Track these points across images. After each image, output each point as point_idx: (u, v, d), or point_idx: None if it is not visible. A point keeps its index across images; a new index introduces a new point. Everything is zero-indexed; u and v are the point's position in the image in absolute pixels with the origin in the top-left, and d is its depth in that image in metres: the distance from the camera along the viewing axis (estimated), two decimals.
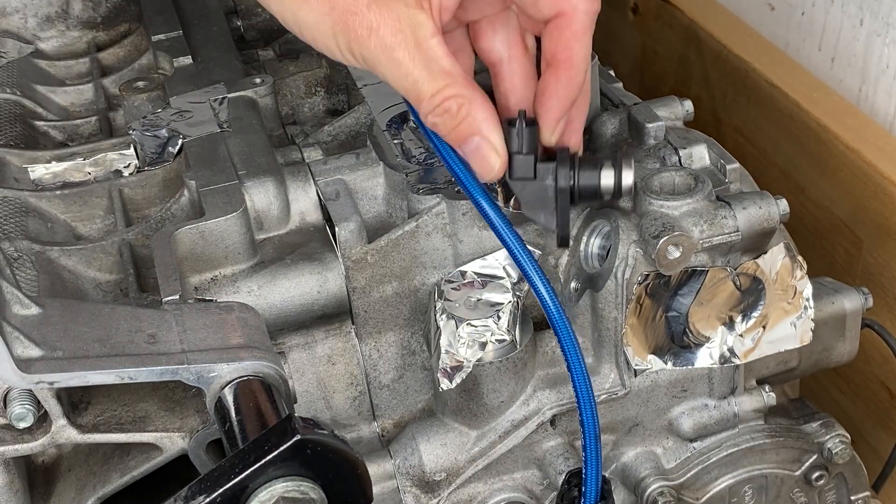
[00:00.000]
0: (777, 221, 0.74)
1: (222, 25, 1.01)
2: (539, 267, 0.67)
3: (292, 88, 0.97)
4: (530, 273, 0.67)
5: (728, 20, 1.25)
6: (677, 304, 0.74)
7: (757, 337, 0.76)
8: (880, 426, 1.06)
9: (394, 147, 0.81)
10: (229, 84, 0.89)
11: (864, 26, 1.09)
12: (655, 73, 1.38)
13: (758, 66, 1.16)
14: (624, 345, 0.75)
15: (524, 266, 0.67)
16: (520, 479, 0.80)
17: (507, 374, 0.75)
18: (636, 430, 0.81)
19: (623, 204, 0.74)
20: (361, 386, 0.79)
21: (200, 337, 0.63)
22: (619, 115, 0.82)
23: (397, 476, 0.78)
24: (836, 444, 0.84)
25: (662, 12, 1.33)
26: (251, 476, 0.53)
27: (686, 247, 0.71)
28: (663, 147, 0.79)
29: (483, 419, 0.77)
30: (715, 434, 0.82)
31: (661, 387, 0.79)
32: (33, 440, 0.65)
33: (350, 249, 0.76)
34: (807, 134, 1.08)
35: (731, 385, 0.81)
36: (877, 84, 1.09)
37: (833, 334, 0.87)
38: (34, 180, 0.85)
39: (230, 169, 0.79)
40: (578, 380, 0.68)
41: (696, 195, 0.72)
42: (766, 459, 0.83)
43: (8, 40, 1.02)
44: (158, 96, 0.89)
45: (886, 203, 0.99)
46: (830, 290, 0.87)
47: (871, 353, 1.01)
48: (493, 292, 0.75)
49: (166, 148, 0.84)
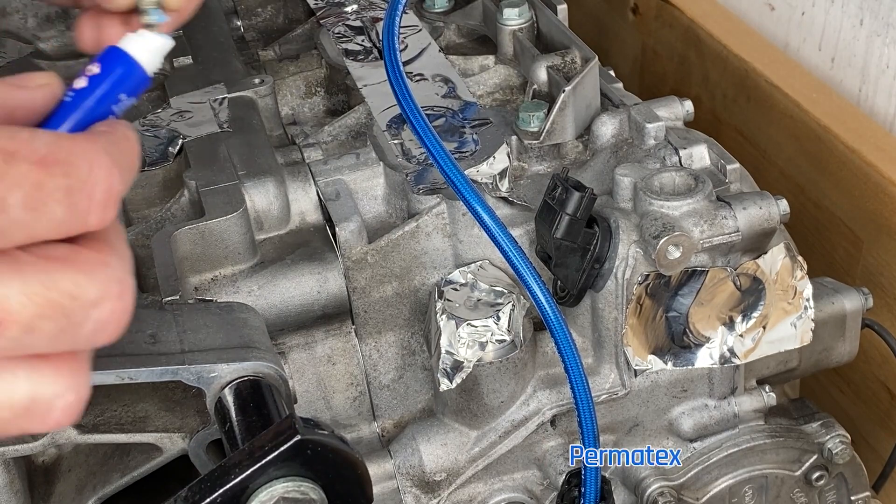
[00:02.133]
0: (777, 221, 0.74)
1: (222, 25, 1.01)
2: (534, 269, 0.67)
3: (292, 88, 0.97)
4: (525, 276, 0.67)
5: (728, 20, 1.25)
6: (677, 304, 0.74)
7: (757, 337, 0.76)
8: (880, 426, 1.06)
9: (394, 147, 0.81)
10: (229, 84, 0.89)
11: (865, 26, 1.09)
12: (655, 73, 1.38)
13: (758, 66, 1.16)
14: (624, 345, 0.75)
15: (519, 268, 0.67)
16: (520, 479, 0.80)
17: (508, 375, 0.75)
18: (636, 430, 0.81)
19: (623, 204, 0.74)
20: (361, 386, 0.79)
21: (200, 337, 0.63)
22: (619, 115, 0.82)
23: (397, 476, 0.77)
24: (836, 444, 0.84)
25: (662, 12, 1.33)
26: (251, 476, 0.53)
27: (686, 247, 0.71)
28: (663, 147, 0.79)
29: (483, 419, 0.77)
30: (715, 434, 0.82)
31: (661, 387, 0.79)
32: (33, 440, 0.65)
33: (350, 249, 0.76)
34: (807, 134, 1.08)
35: (731, 385, 0.81)
36: (877, 84, 1.09)
37: (833, 334, 0.86)
38: None
39: (230, 169, 0.79)
40: (577, 382, 0.68)
41: (696, 195, 0.72)
42: (767, 460, 0.83)
43: (8, 40, 1.02)
44: (158, 96, 0.89)
45: (886, 203, 0.99)
46: (830, 291, 0.87)
47: (872, 354, 1.01)
48: (493, 292, 0.75)
49: (166, 148, 0.84)
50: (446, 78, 0.88)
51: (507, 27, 0.91)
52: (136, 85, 0.49)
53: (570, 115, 0.81)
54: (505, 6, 0.91)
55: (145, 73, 0.49)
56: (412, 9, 0.99)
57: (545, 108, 0.81)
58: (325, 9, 1.00)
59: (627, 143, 0.81)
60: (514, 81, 0.91)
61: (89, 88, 0.48)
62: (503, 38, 0.91)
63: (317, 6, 1.01)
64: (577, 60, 0.85)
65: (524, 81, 0.89)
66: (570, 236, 0.71)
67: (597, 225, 0.73)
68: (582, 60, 0.84)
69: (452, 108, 0.84)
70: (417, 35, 0.94)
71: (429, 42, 0.93)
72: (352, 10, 0.99)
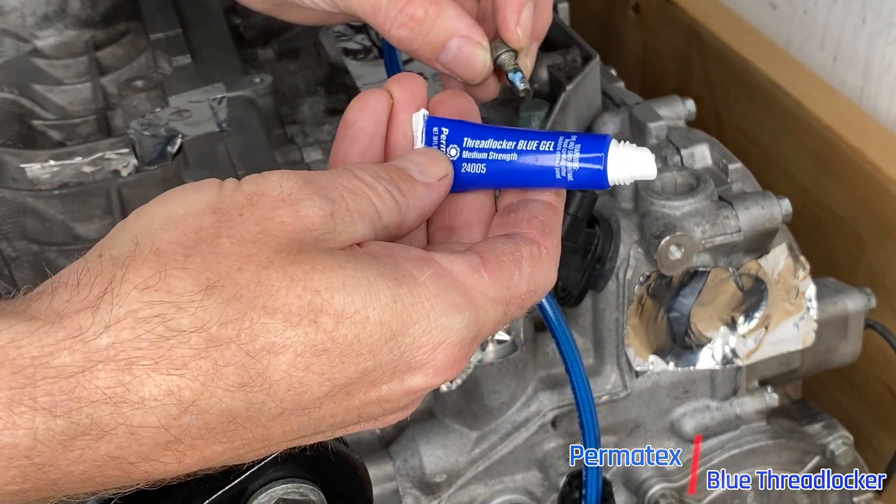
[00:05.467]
0: (779, 221, 0.73)
1: (221, 24, 1.00)
2: None
3: (292, 88, 0.97)
4: None
5: (730, 19, 1.25)
6: (679, 304, 0.74)
7: (759, 338, 0.75)
8: (883, 427, 1.06)
9: None
10: (228, 83, 0.89)
11: (867, 25, 1.08)
12: (657, 72, 1.37)
13: (760, 65, 1.15)
14: (625, 346, 0.75)
15: None
16: (521, 480, 0.79)
17: (508, 376, 0.74)
18: (638, 431, 0.80)
19: (624, 204, 0.74)
20: None
21: None
22: (620, 114, 0.82)
23: (398, 477, 0.77)
24: (838, 445, 0.84)
25: (664, 11, 1.32)
26: (250, 478, 0.52)
27: (688, 247, 0.70)
28: (665, 147, 0.79)
29: (484, 420, 0.76)
30: (717, 435, 0.81)
31: (662, 388, 0.79)
32: None
33: None
34: (809, 133, 1.08)
35: (733, 386, 0.80)
36: (879, 83, 1.09)
37: (836, 335, 0.86)
38: (32, 180, 0.85)
39: (229, 169, 0.79)
40: (578, 383, 0.67)
41: (698, 195, 0.72)
42: (769, 461, 0.82)
43: (6, 39, 1.02)
44: (157, 95, 0.89)
45: (889, 203, 0.98)
46: (833, 291, 0.86)
47: (874, 354, 1.01)
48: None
49: (165, 147, 0.84)
50: None
51: None
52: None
53: (571, 114, 0.81)
54: None
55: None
56: None
57: (546, 108, 0.81)
58: None
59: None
60: None
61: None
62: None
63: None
64: (577, 59, 0.84)
65: None
66: (571, 236, 0.70)
67: (598, 225, 0.72)
68: (583, 59, 0.84)
69: None
70: None
71: None
72: None
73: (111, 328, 0.38)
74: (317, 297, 0.40)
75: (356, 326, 0.40)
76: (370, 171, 0.45)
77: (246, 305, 0.39)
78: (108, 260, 0.40)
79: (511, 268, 0.45)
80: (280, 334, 0.39)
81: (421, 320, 0.41)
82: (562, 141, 0.47)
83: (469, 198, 0.49)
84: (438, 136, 0.48)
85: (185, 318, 0.38)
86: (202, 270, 0.39)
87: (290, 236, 0.41)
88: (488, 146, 0.48)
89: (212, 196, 0.42)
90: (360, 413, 0.43)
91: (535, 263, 0.46)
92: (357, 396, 0.42)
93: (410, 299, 0.41)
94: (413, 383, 0.42)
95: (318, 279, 0.40)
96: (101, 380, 0.38)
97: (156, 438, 0.39)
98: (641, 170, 0.46)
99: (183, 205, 0.42)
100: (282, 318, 0.39)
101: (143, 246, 0.40)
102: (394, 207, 0.45)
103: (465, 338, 0.43)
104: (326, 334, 0.40)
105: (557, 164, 0.46)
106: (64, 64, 1.01)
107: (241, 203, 0.42)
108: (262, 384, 0.39)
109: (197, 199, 0.42)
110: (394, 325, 0.41)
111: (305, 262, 0.40)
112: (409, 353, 0.41)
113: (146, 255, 0.40)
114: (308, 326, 0.39)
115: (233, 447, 0.41)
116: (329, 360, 0.40)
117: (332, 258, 0.41)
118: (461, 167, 0.48)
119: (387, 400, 0.43)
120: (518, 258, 0.45)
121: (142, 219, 0.42)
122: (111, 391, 0.38)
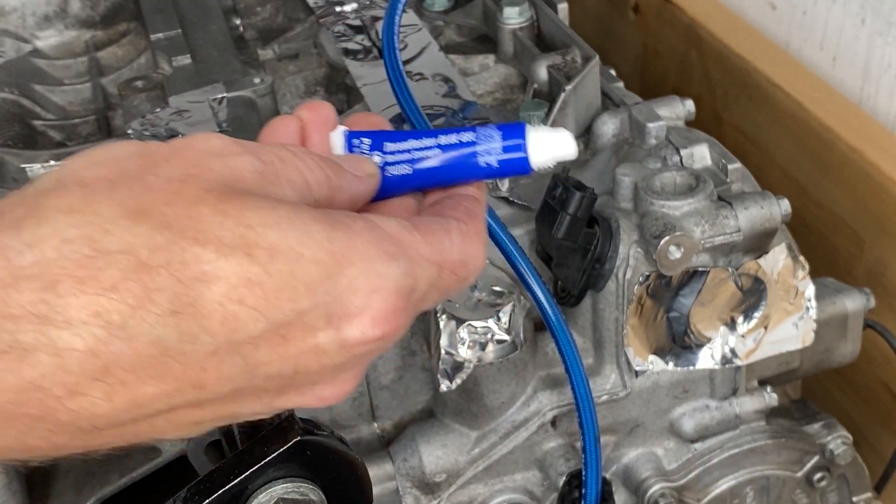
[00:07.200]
0: (779, 221, 0.73)
1: (221, 24, 1.00)
2: (535, 270, 0.67)
3: (292, 88, 0.97)
4: (526, 276, 0.66)
5: (729, 19, 1.25)
6: (678, 304, 0.74)
7: (759, 338, 0.75)
8: (882, 427, 1.06)
9: None
10: (228, 83, 0.89)
11: (866, 25, 1.08)
12: (656, 72, 1.37)
13: (759, 65, 1.15)
14: (625, 345, 0.75)
15: (519, 269, 0.67)
16: (520, 480, 0.79)
17: (508, 375, 0.74)
18: (637, 431, 0.81)
19: (624, 204, 0.74)
20: (361, 386, 0.79)
21: None
22: (619, 114, 0.82)
23: (397, 477, 0.77)
24: (837, 445, 0.84)
25: (663, 11, 1.32)
26: (250, 477, 0.52)
27: (687, 247, 0.70)
28: (664, 147, 0.79)
29: (483, 420, 0.77)
30: (716, 435, 0.81)
31: (662, 388, 0.79)
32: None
33: None
34: (808, 134, 1.08)
35: (732, 386, 0.80)
36: (879, 84, 1.09)
37: (835, 335, 0.86)
38: (32, 180, 0.85)
39: None
40: (577, 383, 0.68)
41: (697, 195, 0.72)
42: (768, 460, 0.82)
43: (6, 39, 1.02)
44: (157, 96, 0.89)
45: (888, 203, 0.98)
46: (832, 291, 0.86)
47: (874, 354, 1.01)
48: (493, 293, 0.75)
49: None
50: (446, 77, 0.88)
51: (508, 26, 0.91)
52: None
53: (571, 114, 0.81)
54: (505, 5, 0.91)
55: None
56: (412, 8, 0.99)
57: (545, 108, 0.81)
58: (324, 8, 1.00)
59: (628, 142, 0.81)
60: (514, 81, 0.91)
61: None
62: (503, 38, 0.91)
63: (316, 5, 1.01)
64: (577, 60, 0.85)
65: (524, 81, 0.89)
66: (570, 236, 0.71)
67: (597, 225, 0.72)
68: (582, 59, 0.84)
69: (452, 108, 0.84)
70: (417, 34, 0.94)
71: (429, 41, 0.93)
72: (351, 9, 0.99)
73: (35, 247, 0.37)
74: (250, 232, 0.39)
75: (291, 262, 0.39)
76: (301, 148, 0.45)
77: (176, 234, 0.38)
78: (31, 191, 0.39)
79: (441, 234, 0.44)
80: (213, 263, 0.38)
81: (356, 262, 0.40)
82: (481, 131, 0.47)
83: (395, 201, 0.48)
84: (360, 147, 0.48)
85: (113, 240, 0.37)
86: (129, 199, 0.38)
87: (220, 180, 0.40)
88: (410, 146, 0.48)
89: (136, 146, 0.41)
90: (296, 364, 0.41)
91: (463, 237, 0.45)
92: (293, 343, 0.40)
93: (346, 242, 0.40)
94: (350, 334, 0.41)
95: (250, 216, 0.39)
96: (25, 295, 0.36)
97: (83, 366, 0.37)
98: (562, 150, 0.47)
99: (105, 152, 0.41)
100: (213, 248, 0.38)
101: (66, 181, 0.39)
102: (325, 182, 0.44)
103: (402, 287, 0.41)
104: (261, 266, 0.38)
105: (480, 154, 0.47)
106: (64, 64, 1.01)
107: (168, 152, 0.41)
108: (195, 314, 0.38)
109: (120, 147, 0.41)
110: (329, 265, 0.40)
111: (236, 199, 0.39)
112: (344, 296, 0.40)
113: (70, 186, 0.39)
114: (242, 258, 0.38)
115: (166, 391, 0.39)
116: (264, 294, 0.39)
117: (265, 199, 0.40)
118: (386, 171, 0.48)
119: (324, 352, 0.41)
120: (448, 229, 0.45)
121: (64, 168, 0.41)
122: (34, 308, 0.36)
